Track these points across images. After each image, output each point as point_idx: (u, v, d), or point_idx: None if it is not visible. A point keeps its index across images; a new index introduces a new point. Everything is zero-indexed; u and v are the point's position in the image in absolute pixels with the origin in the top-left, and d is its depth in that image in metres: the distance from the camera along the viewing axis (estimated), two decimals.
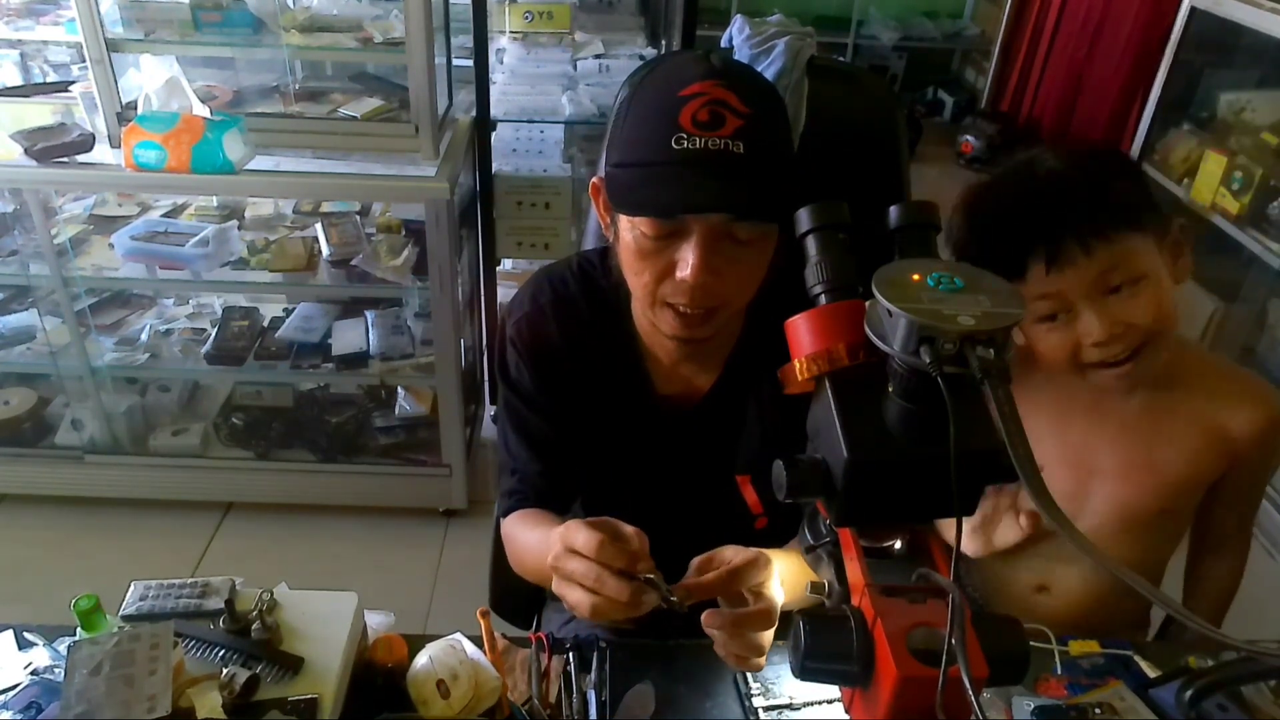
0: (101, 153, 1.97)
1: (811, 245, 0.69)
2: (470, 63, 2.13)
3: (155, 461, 2.37)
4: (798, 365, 0.66)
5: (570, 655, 0.98)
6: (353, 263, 2.19)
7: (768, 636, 0.87)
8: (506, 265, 2.64)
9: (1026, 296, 1.00)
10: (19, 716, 0.86)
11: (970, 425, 0.57)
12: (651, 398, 1.09)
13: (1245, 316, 2.72)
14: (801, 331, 0.67)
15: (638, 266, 0.92)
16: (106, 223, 2.31)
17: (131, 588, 0.94)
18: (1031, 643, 0.80)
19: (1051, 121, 4.51)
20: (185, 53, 2.11)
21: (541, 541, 0.96)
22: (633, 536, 0.83)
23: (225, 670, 0.82)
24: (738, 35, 1.26)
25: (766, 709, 0.93)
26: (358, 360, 2.34)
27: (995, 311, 0.56)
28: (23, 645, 0.95)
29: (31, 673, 0.91)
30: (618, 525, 0.84)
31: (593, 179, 0.99)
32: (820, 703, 0.94)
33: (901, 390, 0.60)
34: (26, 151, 1.90)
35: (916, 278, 0.59)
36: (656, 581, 0.80)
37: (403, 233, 2.28)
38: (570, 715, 0.92)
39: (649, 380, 1.09)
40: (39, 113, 2.08)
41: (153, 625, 0.83)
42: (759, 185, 0.85)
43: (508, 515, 1.13)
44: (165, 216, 2.33)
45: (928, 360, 0.55)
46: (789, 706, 0.94)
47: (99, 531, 2.32)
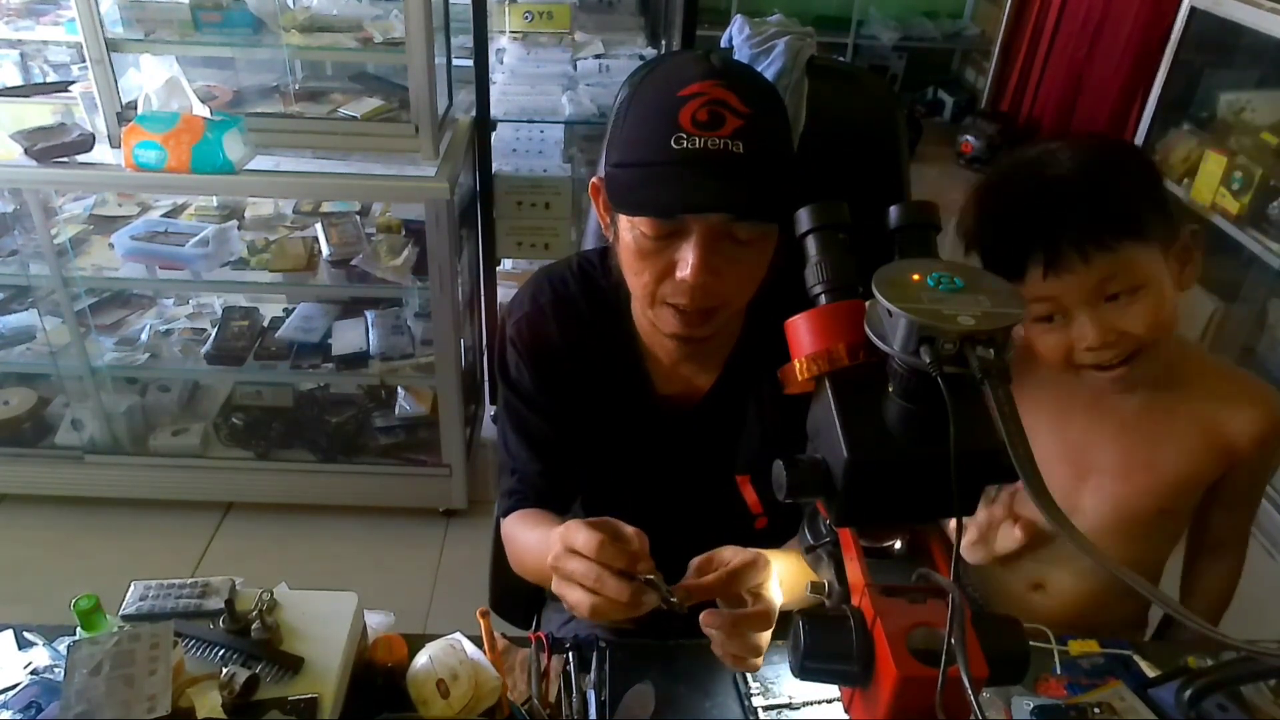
0: (101, 153, 1.97)
1: (811, 245, 0.69)
2: (470, 63, 2.13)
3: (155, 461, 2.37)
4: (798, 365, 0.66)
5: (570, 655, 0.98)
6: (353, 263, 2.19)
7: (765, 638, 0.87)
8: (506, 265, 2.64)
9: (1025, 297, 1.00)
10: (19, 716, 0.86)
11: (970, 425, 0.57)
12: (651, 398, 1.09)
13: (1245, 316, 2.72)
14: (801, 331, 0.67)
15: (637, 266, 0.92)
16: (106, 223, 2.31)
17: (131, 588, 0.94)
18: (1031, 643, 0.80)
19: (1051, 121, 4.51)
20: (185, 53, 2.11)
21: (541, 541, 0.96)
22: (633, 537, 0.83)
23: (225, 670, 0.82)
24: (738, 35, 1.26)
25: (766, 709, 0.93)
26: (358, 360, 2.34)
27: (995, 311, 0.56)
28: (23, 645, 0.95)
29: (31, 673, 0.91)
30: (618, 525, 0.84)
31: (593, 179, 0.99)
32: (820, 702, 0.94)
33: (901, 390, 0.60)
34: (26, 151, 1.90)
35: (916, 278, 0.59)
36: (656, 582, 0.81)
37: (403, 233, 2.28)
38: (570, 715, 0.92)
39: (649, 380, 1.09)
40: (39, 113, 2.07)
41: (153, 625, 0.83)
42: (759, 185, 0.85)
43: (507, 515, 1.13)
44: (165, 216, 2.33)
45: (928, 360, 0.55)
46: (788, 706, 0.94)
47: (99, 531, 2.32)
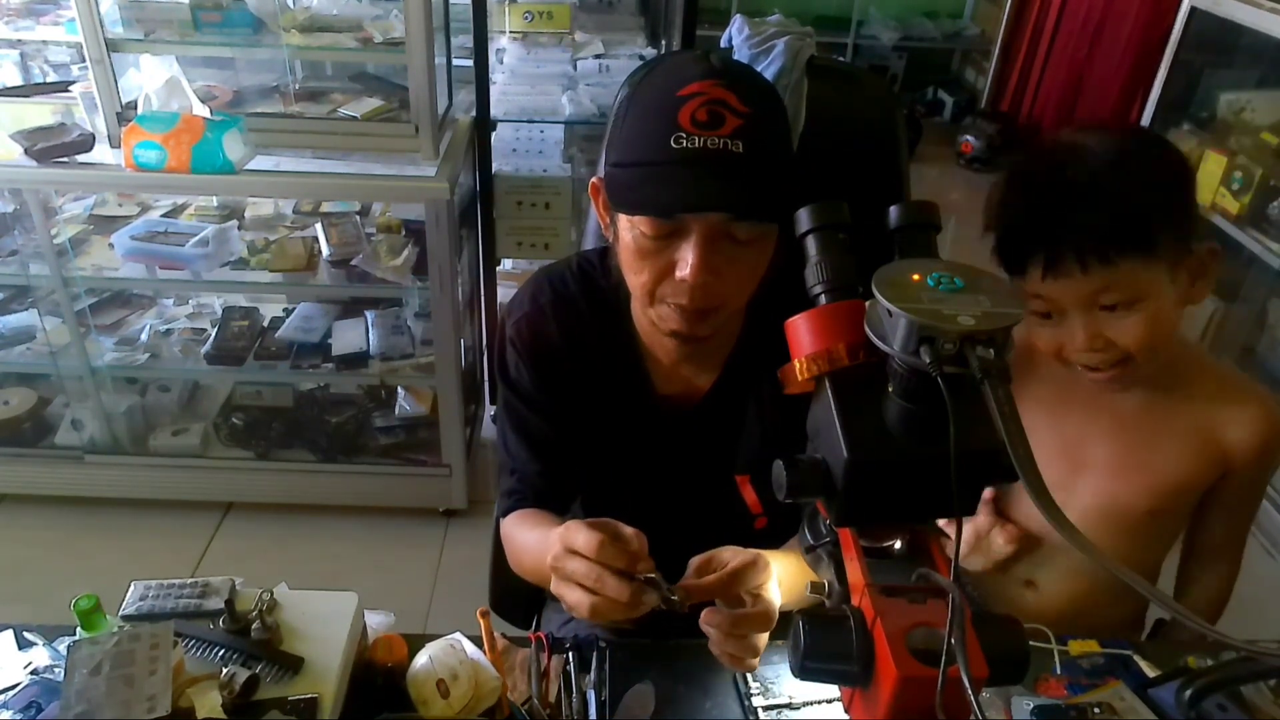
0: (101, 153, 1.97)
1: (811, 245, 0.69)
2: (470, 63, 2.13)
3: (155, 461, 2.37)
4: (798, 365, 0.66)
5: (570, 655, 0.98)
6: (353, 263, 2.19)
7: (764, 639, 0.87)
8: (506, 265, 2.64)
9: (1025, 291, 1.01)
10: (19, 716, 0.86)
11: (970, 425, 0.57)
12: (651, 398, 1.09)
13: (1245, 316, 2.72)
14: (801, 331, 0.67)
15: (637, 266, 0.92)
16: (106, 223, 2.31)
17: (131, 588, 0.94)
18: (1031, 643, 0.80)
19: (1051, 121, 4.52)
20: (185, 53, 2.11)
21: (540, 541, 0.96)
22: (632, 537, 0.83)
23: (225, 670, 0.82)
24: (737, 35, 1.26)
25: (766, 709, 0.93)
26: (358, 360, 2.34)
27: (995, 311, 0.56)
28: (23, 645, 0.95)
29: (31, 673, 0.91)
30: (617, 526, 0.84)
31: (592, 179, 0.99)
32: (820, 703, 0.94)
33: (901, 390, 0.60)
34: (26, 151, 1.90)
35: (916, 278, 0.59)
36: (657, 581, 0.81)
37: (403, 233, 2.28)
38: (570, 715, 0.92)
39: (649, 380, 1.09)
40: (39, 113, 2.07)
41: (153, 625, 0.83)
42: (758, 185, 0.85)
43: (507, 515, 1.13)
44: (165, 216, 2.32)
45: (928, 360, 0.55)
46: (789, 706, 0.94)
47: (99, 531, 2.32)
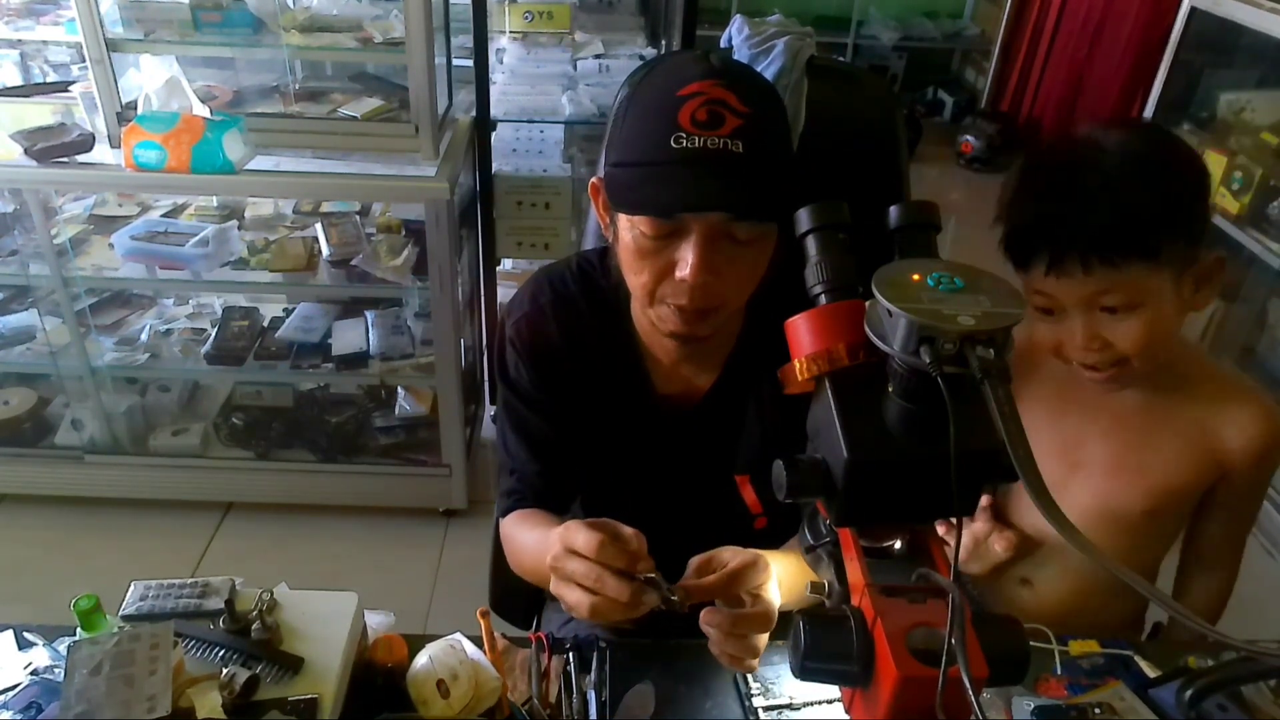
0: (101, 153, 1.97)
1: (811, 245, 0.69)
2: (470, 63, 2.13)
3: (155, 461, 2.37)
4: (798, 365, 0.66)
5: (570, 655, 0.98)
6: (353, 263, 2.19)
7: (763, 639, 0.87)
8: (506, 265, 2.64)
9: (1027, 287, 1.01)
10: (19, 716, 0.86)
11: (970, 425, 0.57)
12: (651, 398, 1.09)
13: (1245, 316, 2.72)
14: (801, 331, 0.67)
15: (637, 266, 0.92)
16: (106, 223, 2.31)
17: (131, 588, 0.94)
18: (1031, 643, 0.80)
19: (1052, 122, 4.52)
20: (185, 53, 2.11)
21: (540, 542, 0.96)
22: (632, 537, 0.83)
23: (225, 670, 0.82)
24: (737, 35, 1.25)
25: (766, 709, 0.93)
26: (358, 360, 2.34)
27: (995, 311, 0.56)
28: (23, 645, 0.95)
29: (31, 673, 0.91)
30: (617, 526, 0.84)
31: (592, 179, 0.99)
32: (820, 703, 0.94)
33: (901, 390, 0.60)
34: (26, 151, 1.89)
35: (916, 278, 0.59)
36: (657, 581, 0.81)
37: (403, 233, 2.28)
38: (570, 715, 0.92)
39: (649, 380, 1.09)
40: (39, 113, 2.07)
41: (153, 625, 0.83)
42: (758, 185, 0.85)
43: (507, 515, 1.13)
44: (165, 216, 2.32)
45: (928, 360, 0.55)
46: (789, 706, 0.94)
47: (99, 531, 2.32)
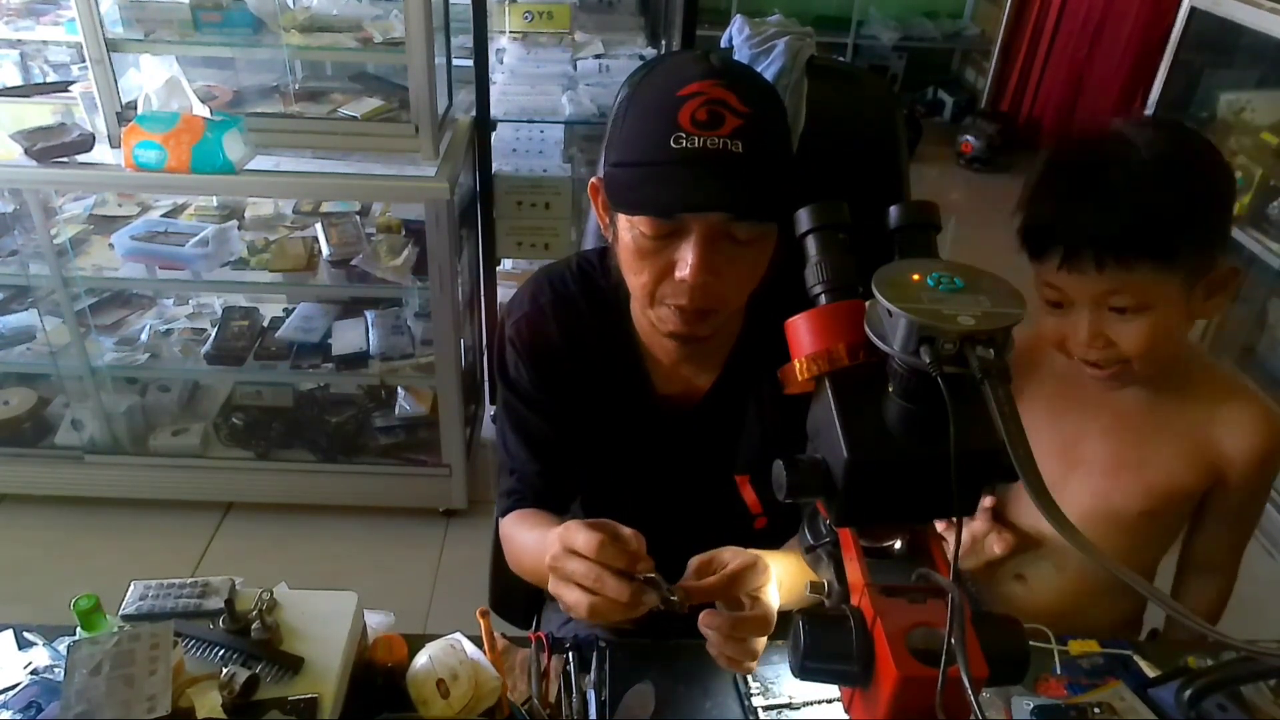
0: (101, 153, 1.97)
1: (811, 245, 0.69)
2: (470, 63, 2.13)
3: (155, 461, 2.37)
4: (798, 365, 0.66)
5: (570, 655, 0.98)
6: (353, 263, 2.19)
7: (762, 642, 0.87)
8: (506, 265, 2.64)
9: (1038, 278, 1.01)
10: (19, 716, 0.86)
11: (970, 425, 0.57)
12: (651, 398, 1.09)
13: (1245, 316, 2.72)
14: (801, 331, 0.67)
15: (637, 266, 0.92)
16: (106, 223, 2.31)
17: (131, 588, 0.94)
18: (1031, 643, 0.80)
19: (1051, 122, 4.52)
20: (185, 53, 2.11)
21: (539, 542, 0.96)
22: (631, 537, 0.83)
23: (225, 670, 0.82)
24: (737, 35, 1.26)
25: (766, 709, 0.93)
26: (358, 360, 2.34)
27: (995, 311, 0.56)
28: (23, 645, 0.95)
29: (31, 673, 0.91)
30: (616, 526, 0.84)
31: (592, 179, 0.99)
32: (820, 703, 0.94)
33: (901, 390, 0.60)
34: (26, 151, 1.89)
35: (916, 278, 0.59)
36: (656, 581, 0.81)
37: (403, 233, 2.28)
38: (570, 715, 0.92)
39: (649, 380, 1.09)
40: (39, 113, 2.07)
41: (153, 625, 0.83)
42: (758, 185, 0.85)
43: (506, 515, 1.13)
44: (165, 216, 2.32)
45: (928, 360, 0.55)
46: (789, 706, 0.94)
47: (99, 531, 2.32)
